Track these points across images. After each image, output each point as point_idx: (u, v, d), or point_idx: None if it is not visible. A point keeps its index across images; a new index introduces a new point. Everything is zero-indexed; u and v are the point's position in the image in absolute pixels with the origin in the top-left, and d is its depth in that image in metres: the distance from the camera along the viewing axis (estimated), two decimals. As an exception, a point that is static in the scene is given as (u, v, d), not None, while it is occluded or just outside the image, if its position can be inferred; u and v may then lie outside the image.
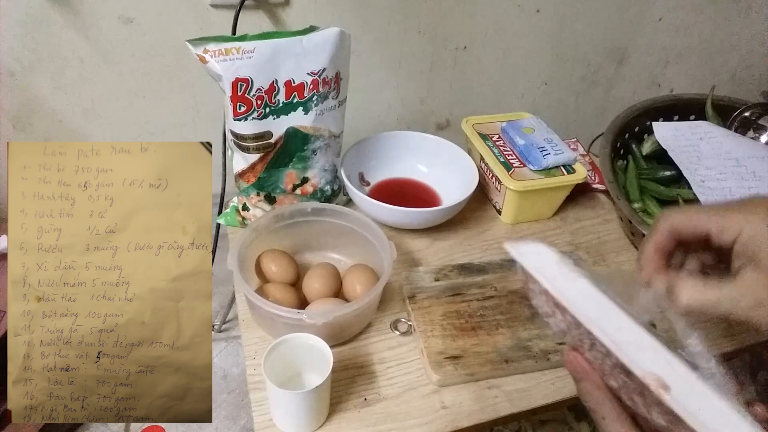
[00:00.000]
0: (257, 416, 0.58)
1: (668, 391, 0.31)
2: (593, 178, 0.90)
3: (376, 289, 0.61)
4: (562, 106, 1.33)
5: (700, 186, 0.76)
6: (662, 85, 1.39)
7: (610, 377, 0.35)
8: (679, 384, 0.32)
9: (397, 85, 1.14)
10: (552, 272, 0.38)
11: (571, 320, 0.36)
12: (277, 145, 0.70)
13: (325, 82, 0.69)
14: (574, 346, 0.37)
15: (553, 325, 0.38)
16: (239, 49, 0.62)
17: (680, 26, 1.26)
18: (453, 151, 0.86)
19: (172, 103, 1.02)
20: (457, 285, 0.70)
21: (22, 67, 0.91)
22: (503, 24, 1.12)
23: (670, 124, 0.86)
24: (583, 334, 0.35)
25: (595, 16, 1.18)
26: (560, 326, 0.37)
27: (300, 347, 0.56)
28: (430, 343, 0.63)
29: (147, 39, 0.93)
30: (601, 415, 0.36)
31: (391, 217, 0.77)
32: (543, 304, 0.38)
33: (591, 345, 0.35)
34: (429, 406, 0.60)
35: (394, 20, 1.04)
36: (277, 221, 0.70)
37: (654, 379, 0.32)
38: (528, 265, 0.38)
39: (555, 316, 0.37)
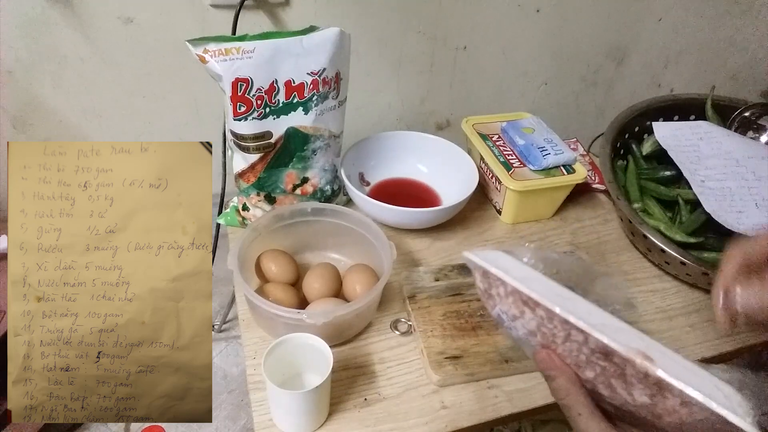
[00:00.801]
0: (257, 416, 0.58)
1: (653, 363, 0.32)
2: (593, 178, 0.90)
3: (376, 289, 0.61)
4: (562, 106, 1.33)
5: (700, 186, 0.76)
6: (662, 85, 1.39)
7: (585, 368, 0.36)
8: (658, 355, 0.33)
9: (397, 85, 1.14)
10: (519, 273, 0.39)
11: (543, 315, 0.36)
12: (277, 145, 0.70)
13: (325, 82, 0.69)
14: (545, 345, 0.37)
15: (519, 328, 0.39)
16: (239, 49, 0.62)
17: (680, 26, 1.26)
18: (453, 151, 0.86)
19: (172, 103, 1.02)
20: (457, 285, 0.70)
21: (22, 67, 0.91)
22: (503, 24, 1.12)
23: (670, 124, 0.86)
24: (557, 326, 0.36)
25: (595, 16, 1.18)
26: (528, 326, 0.38)
27: (300, 347, 0.56)
28: (430, 343, 0.63)
29: (147, 39, 0.93)
30: (576, 411, 0.36)
31: (391, 217, 0.77)
32: (510, 307, 0.38)
33: (566, 336, 0.36)
34: (429, 406, 0.60)
35: (394, 20, 1.04)
36: (277, 221, 0.70)
37: (638, 353, 0.33)
38: (494, 268, 0.39)
39: (523, 317, 0.38)
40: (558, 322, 0.36)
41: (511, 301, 0.38)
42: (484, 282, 0.40)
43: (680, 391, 0.31)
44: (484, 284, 0.40)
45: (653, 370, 0.32)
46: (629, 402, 0.34)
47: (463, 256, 0.41)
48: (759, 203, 0.74)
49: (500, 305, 0.39)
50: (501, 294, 0.39)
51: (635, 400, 0.34)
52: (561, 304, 0.35)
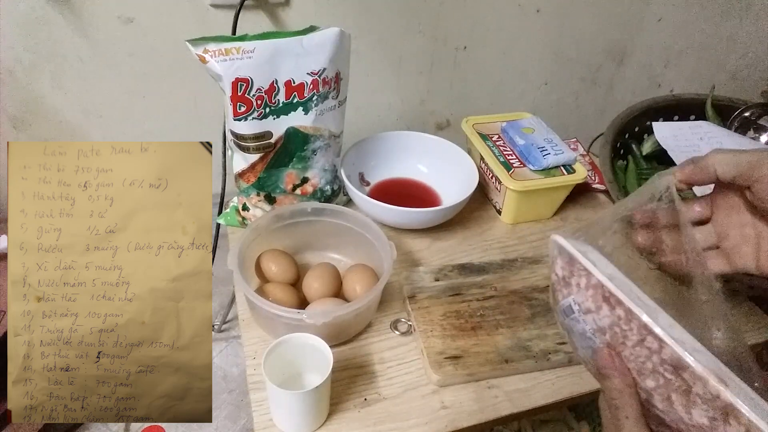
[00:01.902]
0: (257, 416, 0.58)
1: (727, 387, 0.32)
2: (593, 178, 0.90)
3: (376, 289, 0.61)
4: (562, 106, 1.33)
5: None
6: (662, 85, 1.39)
7: (648, 377, 0.36)
8: (733, 384, 0.33)
9: (397, 85, 1.14)
10: (607, 270, 0.38)
11: (621, 315, 0.36)
12: (277, 145, 0.70)
13: (325, 82, 0.69)
14: (610, 344, 0.37)
15: (587, 322, 0.38)
16: (239, 49, 0.62)
17: (680, 26, 1.26)
18: (453, 151, 0.86)
19: (172, 103, 1.02)
20: (457, 285, 0.70)
21: (22, 67, 0.91)
22: (503, 24, 1.12)
23: (670, 124, 0.86)
24: (633, 329, 0.36)
25: (595, 16, 1.18)
26: (600, 323, 0.38)
27: (300, 347, 0.56)
28: (430, 343, 0.63)
29: (147, 39, 0.93)
30: (625, 414, 0.36)
31: (391, 217, 0.77)
32: (587, 299, 0.38)
33: (639, 341, 0.36)
34: (429, 406, 0.60)
35: (394, 20, 1.04)
36: (277, 221, 0.70)
37: (713, 374, 0.32)
38: (584, 258, 0.38)
39: (598, 313, 0.38)
40: (636, 325, 0.35)
41: (591, 294, 0.38)
42: (566, 269, 0.39)
43: (749, 420, 0.31)
44: (565, 271, 0.40)
45: (726, 395, 0.32)
46: (683, 420, 0.34)
47: (552, 239, 0.41)
48: (759, 203, 0.74)
49: (575, 296, 0.39)
50: (581, 285, 0.38)
51: (692, 419, 0.33)
52: (646, 311, 0.35)
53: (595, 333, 0.38)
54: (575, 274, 0.39)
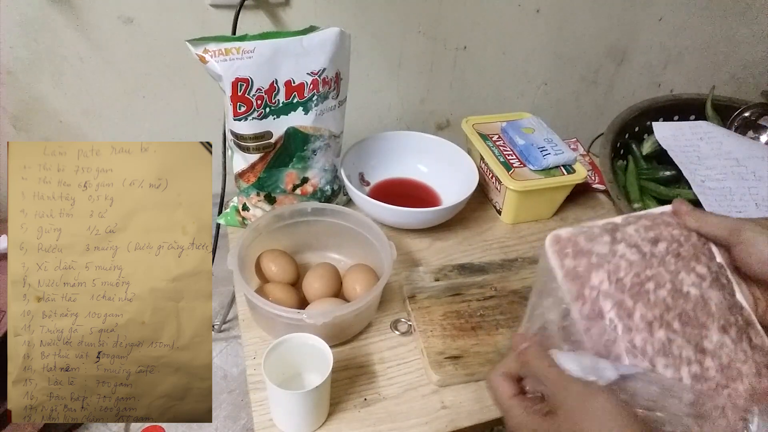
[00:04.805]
0: (257, 416, 0.58)
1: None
2: (593, 178, 0.90)
3: (376, 289, 0.61)
4: (562, 106, 1.33)
5: (700, 186, 0.76)
6: (662, 85, 1.39)
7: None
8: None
9: (397, 85, 1.14)
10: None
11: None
12: (277, 145, 0.70)
13: (325, 82, 0.69)
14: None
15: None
16: (239, 49, 0.62)
17: (680, 26, 1.26)
18: (453, 151, 0.86)
19: (172, 103, 1.02)
20: (457, 285, 0.70)
21: (22, 67, 0.91)
22: (503, 24, 1.12)
23: (670, 124, 0.86)
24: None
25: (596, 16, 1.18)
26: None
27: (300, 347, 0.56)
28: (430, 343, 0.63)
29: (147, 39, 0.93)
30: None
31: (391, 217, 0.77)
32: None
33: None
34: (429, 406, 0.60)
35: (394, 20, 1.04)
36: (277, 221, 0.70)
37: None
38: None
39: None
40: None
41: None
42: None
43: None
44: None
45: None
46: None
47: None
48: (759, 203, 0.74)
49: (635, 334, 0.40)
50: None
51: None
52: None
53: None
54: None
